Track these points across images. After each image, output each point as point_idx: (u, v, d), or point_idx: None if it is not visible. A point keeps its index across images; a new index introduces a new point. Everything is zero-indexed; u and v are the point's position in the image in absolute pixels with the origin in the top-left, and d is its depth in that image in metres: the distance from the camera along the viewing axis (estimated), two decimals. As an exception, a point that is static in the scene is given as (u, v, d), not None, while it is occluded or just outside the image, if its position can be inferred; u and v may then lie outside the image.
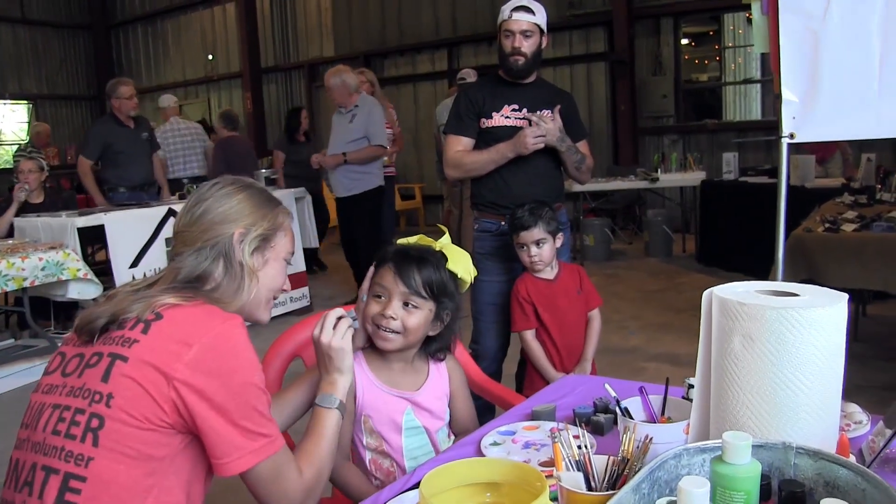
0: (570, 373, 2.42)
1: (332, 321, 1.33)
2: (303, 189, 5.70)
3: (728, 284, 1.07)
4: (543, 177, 2.63)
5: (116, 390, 1.07)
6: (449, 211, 6.11)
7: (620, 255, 7.17)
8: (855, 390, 1.58)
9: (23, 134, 12.34)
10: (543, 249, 2.41)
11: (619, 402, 1.29)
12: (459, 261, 1.56)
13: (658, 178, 6.63)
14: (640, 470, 0.90)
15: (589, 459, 1.01)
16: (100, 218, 4.48)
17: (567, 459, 1.01)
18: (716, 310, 1.02)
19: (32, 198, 4.94)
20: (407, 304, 1.46)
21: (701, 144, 8.22)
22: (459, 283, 1.56)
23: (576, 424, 1.39)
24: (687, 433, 1.12)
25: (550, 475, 1.04)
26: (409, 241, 1.59)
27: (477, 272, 1.65)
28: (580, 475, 1.00)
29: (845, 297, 0.99)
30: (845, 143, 5.60)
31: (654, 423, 1.27)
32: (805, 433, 0.96)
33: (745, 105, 9.07)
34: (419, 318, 1.47)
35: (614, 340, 4.15)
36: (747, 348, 0.97)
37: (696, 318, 1.07)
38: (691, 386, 1.37)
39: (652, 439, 1.03)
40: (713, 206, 6.28)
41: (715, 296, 1.03)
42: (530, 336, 2.46)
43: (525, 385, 2.57)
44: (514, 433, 1.41)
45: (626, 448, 1.02)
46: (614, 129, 8.65)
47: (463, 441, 1.43)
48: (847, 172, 5.42)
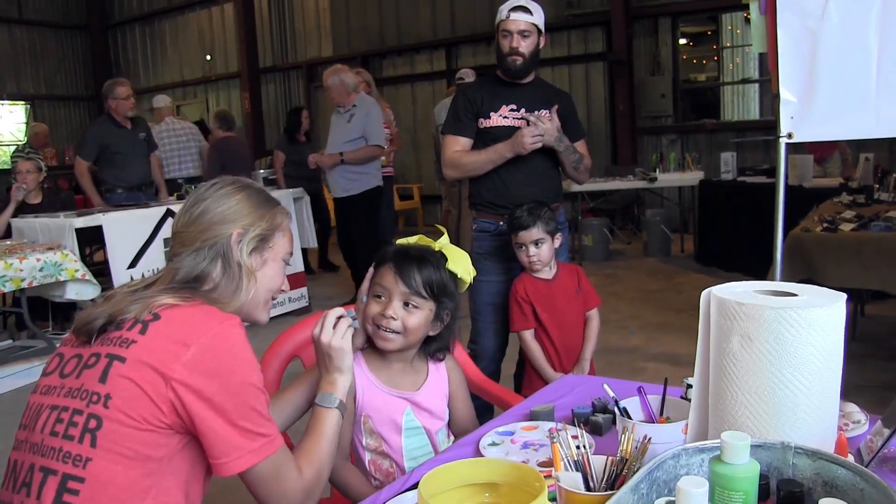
0: (569, 373, 2.42)
1: (331, 320, 1.33)
2: (301, 189, 5.71)
3: (726, 284, 1.07)
4: (541, 177, 2.63)
5: (114, 391, 1.07)
6: (447, 211, 6.10)
7: (619, 255, 7.17)
8: (853, 390, 1.58)
9: (20, 134, 12.29)
10: (542, 249, 2.42)
11: (617, 402, 1.28)
12: (459, 261, 1.55)
13: (656, 178, 6.63)
14: (638, 470, 0.89)
15: (587, 459, 1.01)
16: (98, 218, 4.48)
17: (566, 459, 1.01)
18: (714, 310, 1.02)
19: (30, 198, 4.94)
20: (407, 304, 1.46)
21: (699, 144, 8.22)
22: (459, 283, 1.56)
23: (574, 424, 1.39)
24: (685, 433, 1.12)
25: (549, 475, 1.04)
26: (408, 241, 1.59)
27: (475, 272, 1.65)
28: (579, 475, 1.00)
29: (843, 296, 0.99)
30: (844, 143, 5.61)
31: (653, 423, 1.26)
32: (803, 433, 0.95)
33: (743, 105, 9.08)
34: (419, 318, 1.47)
35: (613, 340, 4.15)
36: (746, 348, 0.97)
37: (695, 318, 1.06)
38: (690, 386, 1.37)
39: (650, 439, 1.03)
40: (711, 206, 6.28)
41: (713, 296, 1.03)
42: (529, 336, 2.46)
43: (524, 385, 2.57)
44: (512, 433, 1.41)
45: (625, 448, 1.02)
46: (613, 128, 8.65)
47: (461, 441, 1.43)
48: (845, 172, 5.43)
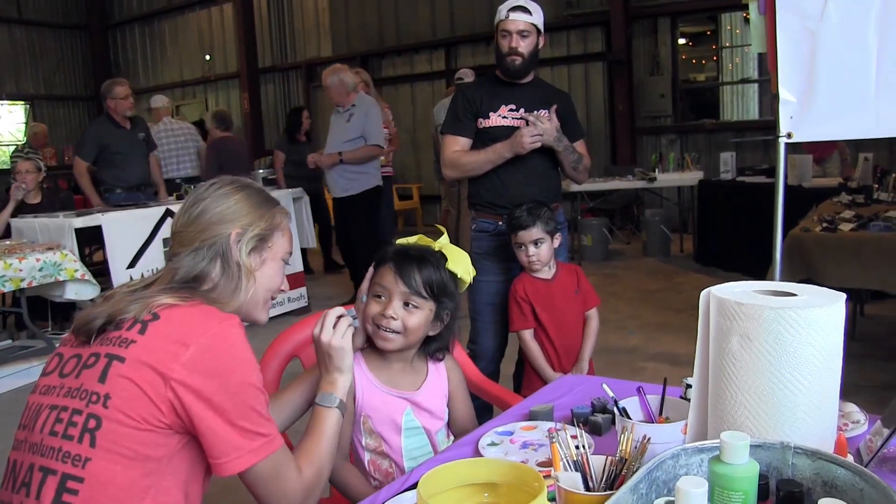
0: (568, 373, 2.42)
1: (332, 320, 1.33)
2: (300, 189, 5.70)
3: (726, 284, 1.07)
4: (541, 177, 2.63)
5: (114, 391, 1.07)
6: (447, 211, 6.08)
7: (618, 254, 7.17)
8: (853, 390, 1.58)
9: (20, 134, 12.25)
10: (541, 249, 2.42)
11: (616, 402, 1.28)
12: (459, 261, 1.55)
13: (656, 178, 6.63)
14: (637, 470, 0.89)
15: (587, 459, 1.01)
16: (97, 218, 4.47)
17: (565, 459, 1.01)
18: (713, 310, 1.02)
19: (30, 198, 4.93)
20: (407, 303, 1.46)
21: (698, 144, 8.22)
22: (459, 283, 1.56)
23: (574, 424, 1.39)
24: (685, 433, 1.11)
25: (548, 475, 1.04)
26: (408, 241, 1.59)
27: (475, 272, 1.65)
28: (578, 475, 1.00)
29: (843, 296, 0.99)
30: (843, 143, 5.60)
31: (652, 423, 1.26)
32: (803, 433, 0.95)
33: (742, 105, 9.08)
34: (419, 317, 1.47)
35: (612, 340, 4.15)
36: (745, 348, 0.97)
37: (694, 318, 1.06)
38: (689, 386, 1.37)
39: (650, 439, 1.03)
40: (711, 206, 6.28)
41: (713, 296, 1.02)
42: (528, 336, 2.46)
43: (523, 385, 2.57)
44: (511, 433, 1.41)
45: (624, 448, 1.02)
46: (612, 128, 8.65)
47: (461, 441, 1.43)
48: (845, 172, 5.42)
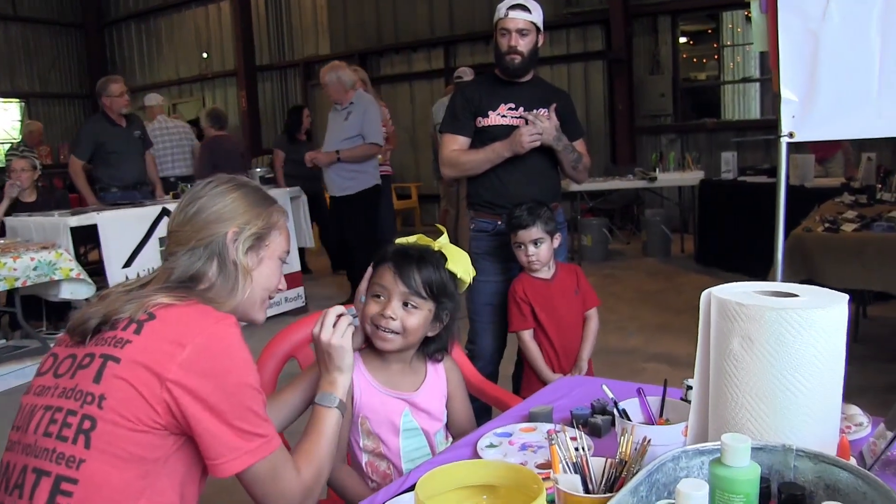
0: (567, 374, 2.41)
1: (332, 319, 1.32)
2: (298, 188, 5.67)
3: (727, 285, 1.06)
4: (540, 176, 2.62)
5: (109, 391, 1.06)
6: (445, 210, 6.07)
7: (618, 255, 7.16)
8: (855, 392, 1.57)
9: (15, 133, 12.18)
10: (541, 249, 2.41)
11: (616, 404, 1.28)
12: (459, 261, 1.54)
13: (656, 178, 6.61)
14: (637, 472, 0.89)
15: (586, 462, 1.01)
16: (93, 217, 4.43)
17: (564, 462, 1.00)
18: (714, 311, 1.01)
19: (24, 197, 4.89)
20: (406, 304, 1.45)
21: (699, 144, 8.21)
22: (459, 283, 1.55)
23: (573, 426, 1.38)
24: (685, 435, 1.11)
25: (547, 477, 1.04)
26: (407, 240, 1.58)
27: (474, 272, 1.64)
28: (577, 478, 0.99)
29: (845, 297, 0.98)
30: (847, 143, 5.57)
31: (653, 424, 1.26)
32: (805, 435, 0.95)
33: (743, 104, 9.07)
34: (419, 318, 1.46)
35: (612, 341, 4.13)
36: (746, 349, 0.96)
37: (695, 319, 1.05)
38: (690, 387, 1.36)
39: (650, 441, 1.02)
40: (712, 206, 6.26)
41: (713, 296, 1.02)
42: (528, 336, 2.45)
43: (522, 386, 2.56)
44: (510, 435, 1.40)
45: (624, 450, 1.01)
46: (612, 128, 8.63)
47: (459, 443, 1.42)
48: (848, 172, 5.40)
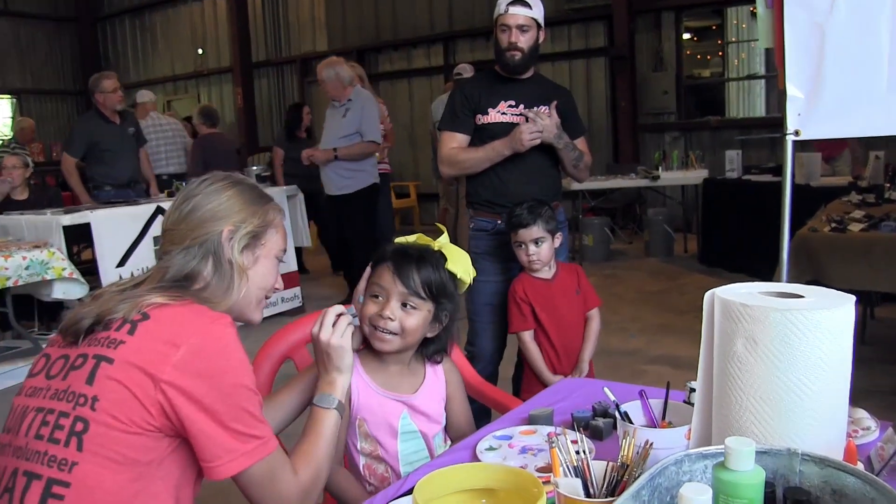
0: (568, 375, 2.39)
1: (331, 318, 1.31)
2: (295, 187, 5.62)
3: (731, 285, 1.05)
4: (540, 174, 2.61)
5: (102, 393, 1.05)
6: (445, 210, 6.06)
7: (620, 255, 7.14)
8: (863, 395, 1.55)
9: (6, 129, 12.09)
10: (542, 248, 2.39)
11: (618, 406, 1.27)
12: (459, 261, 1.53)
13: (659, 177, 6.59)
14: (639, 476, 0.88)
15: (587, 465, 1.00)
16: (86, 216, 4.37)
17: (565, 465, 1.00)
18: (718, 312, 1.01)
19: (16, 195, 4.84)
20: (405, 304, 1.44)
21: (703, 142, 8.19)
22: (458, 283, 1.54)
23: (574, 429, 1.36)
24: (688, 438, 1.10)
25: (548, 481, 1.03)
26: (406, 239, 1.57)
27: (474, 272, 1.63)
28: (578, 481, 0.98)
29: (852, 298, 0.97)
30: (855, 141, 5.53)
31: (655, 427, 1.25)
32: (811, 439, 0.94)
33: (748, 101, 9.03)
34: (417, 319, 1.45)
35: (614, 342, 4.12)
36: (751, 351, 0.95)
37: (698, 320, 1.05)
38: (693, 390, 1.35)
39: (652, 444, 1.02)
40: (716, 205, 6.24)
41: (717, 297, 1.01)
42: (528, 337, 2.44)
43: (522, 388, 2.55)
44: (510, 438, 1.39)
45: (626, 453, 1.01)
46: (614, 125, 8.61)
47: (458, 446, 1.41)
48: (856, 171, 5.36)
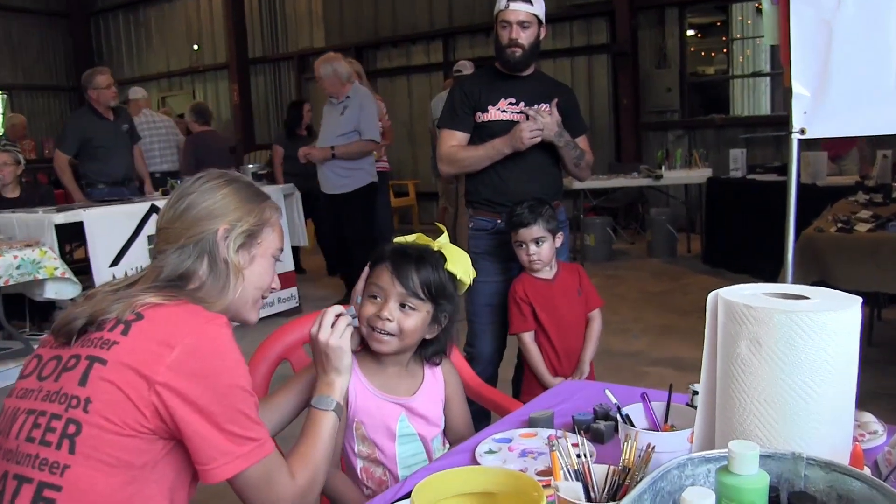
0: (568, 377, 2.38)
1: (330, 318, 1.30)
2: (292, 185, 5.58)
3: (735, 286, 1.04)
4: (541, 173, 2.59)
5: (95, 394, 1.04)
6: (444, 209, 6.05)
7: (622, 255, 7.12)
8: (870, 398, 1.54)
9: (-3, 126, 12.10)
10: (543, 248, 2.38)
11: (620, 409, 1.26)
12: (459, 261, 1.52)
13: (662, 176, 6.58)
14: (641, 480, 0.87)
15: (588, 469, 0.99)
16: (79, 214, 4.31)
17: (565, 468, 0.99)
18: (721, 313, 1.00)
19: (7, 192, 4.79)
20: (404, 305, 1.43)
21: (707, 140, 8.16)
22: (458, 284, 1.53)
23: (575, 432, 1.35)
24: (691, 442, 1.10)
25: (548, 485, 1.02)
26: (406, 239, 1.56)
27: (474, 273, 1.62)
28: (579, 485, 0.98)
29: (859, 300, 0.96)
30: (863, 140, 5.50)
31: (657, 430, 1.25)
32: (816, 443, 0.93)
33: (753, 99, 9.01)
34: (416, 320, 1.43)
35: (615, 344, 4.10)
36: (755, 353, 0.94)
37: (701, 321, 1.04)
38: (696, 392, 1.34)
39: (654, 448, 1.01)
40: (720, 205, 6.22)
41: (721, 298, 1.00)
42: (528, 338, 2.42)
43: (522, 390, 2.53)
44: (510, 441, 1.38)
45: (628, 457, 1.01)
46: (616, 124, 8.58)
47: (457, 449, 1.40)
48: (863, 170, 5.34)
